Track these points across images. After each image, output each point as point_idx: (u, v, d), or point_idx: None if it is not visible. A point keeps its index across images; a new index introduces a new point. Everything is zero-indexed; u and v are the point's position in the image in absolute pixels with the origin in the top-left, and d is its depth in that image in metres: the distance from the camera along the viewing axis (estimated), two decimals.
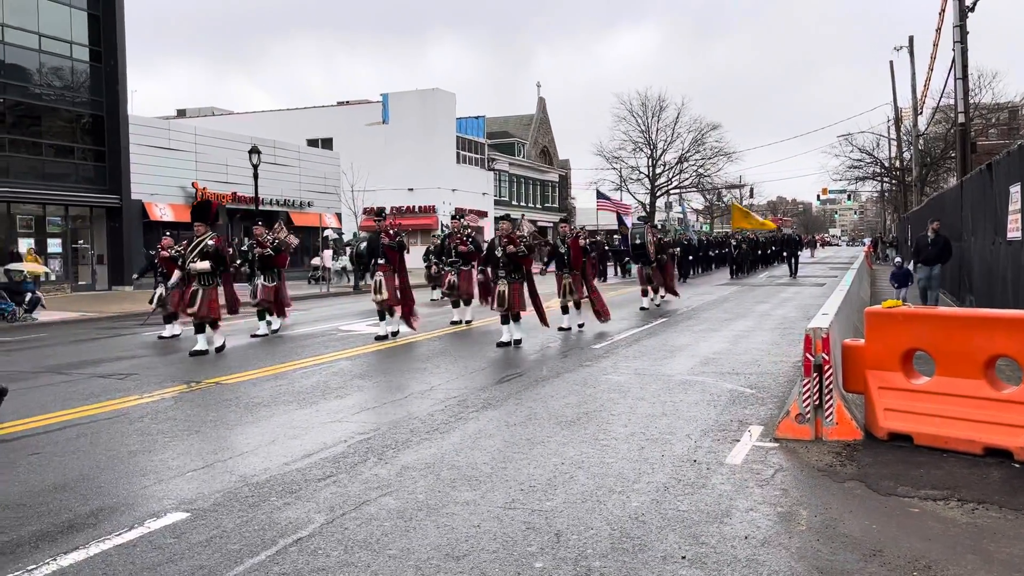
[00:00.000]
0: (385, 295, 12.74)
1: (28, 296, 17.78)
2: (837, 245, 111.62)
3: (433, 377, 9.37)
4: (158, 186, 30.36)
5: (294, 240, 15.50)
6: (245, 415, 7.47)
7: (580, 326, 13.75)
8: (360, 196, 37.79)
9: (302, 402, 8.01)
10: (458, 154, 50.88)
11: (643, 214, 65.31)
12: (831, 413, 6.11)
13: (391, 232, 12.89)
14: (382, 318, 13.00)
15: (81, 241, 28.41)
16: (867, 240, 72.06)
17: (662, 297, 18.84)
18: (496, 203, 54.63)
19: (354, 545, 4.21)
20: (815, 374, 6.12)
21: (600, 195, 39.03)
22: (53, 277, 26.48)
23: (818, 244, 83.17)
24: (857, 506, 4.75)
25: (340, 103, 52.37)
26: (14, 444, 6.44)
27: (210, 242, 11.77)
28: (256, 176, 27.25)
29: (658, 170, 66.26)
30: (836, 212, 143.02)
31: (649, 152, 65.83)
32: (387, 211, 16.36)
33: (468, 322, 15.07)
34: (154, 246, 25.98)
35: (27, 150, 26.40)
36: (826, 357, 6.10)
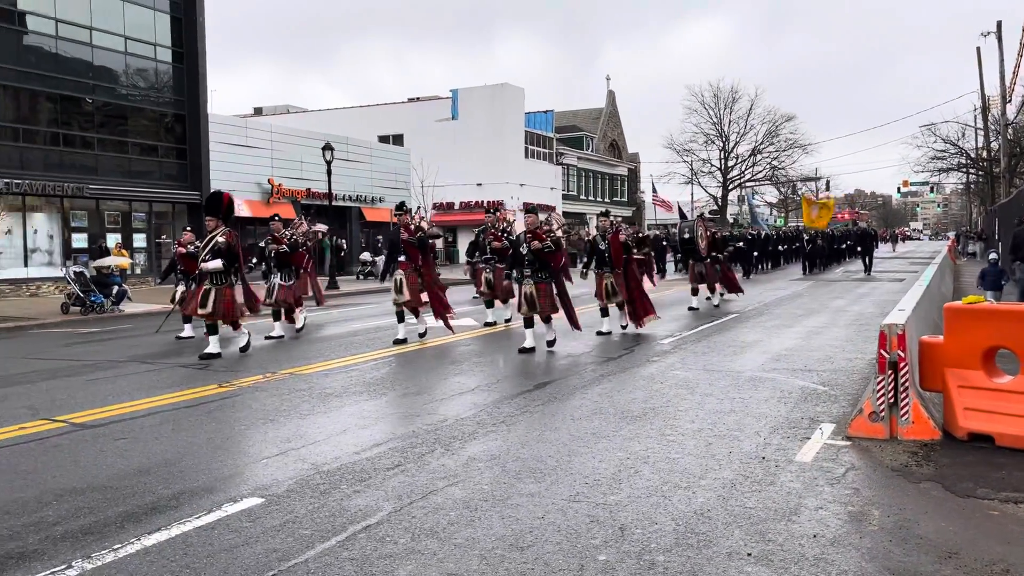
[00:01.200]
0: (406, 296, 11.77)
1: (115, 289, 18.59)
2: (918, 239, 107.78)
3: (497, 371, 9.45)
4: (235, 182, 31.25)
5: (322, 227, 14.87)
6: (318, 405, 7.67)
7: (623, 327, 12.79)
8: (429, 191, 38.33)
9: (372, 393, 8.18)
10: (526, 149, 50.94)
11: (703, 208, 64.29)
12: (907, 412, 5.94)
13: (412, 227, 11.90)
14: (400, 320, 11.97)
15: (164, 236, 29.49)
16: (951, 234, 69.37)
17: (721, 295, 17.48)
18: (564, 197, 54.51)
19: (421, 533, 4.29)
20: (890, 371, 5.96)
21: (654, 189, 38.97)
22: (138, 271, 27.63)
23: (899, 238, 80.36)
24: (933, 507, 4.62)
25: (411, 99, 53.00)
26: (103, 429, 6.76)
27: (220, 239, 10.91)
28: (329, 172, 27.83)
29: (730, 163, 65.10)
30: (918, 205, 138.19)
31: (721, 144, 64.74)
32: (414, 207, 15.09)
33: (507, 321, 14.20)
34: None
35: (114, 149, 27.53)
36: (902, 354, 5.94)
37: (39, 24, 25.06)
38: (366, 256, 32.92)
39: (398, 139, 46.77)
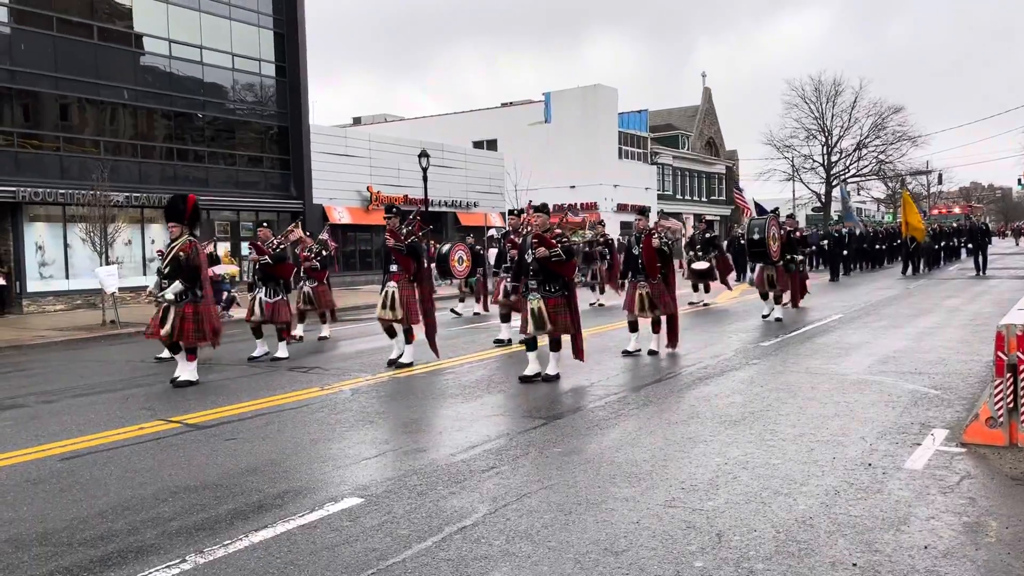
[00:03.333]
0: (397, 312, 10.14)
1: (225, 295, 19.46)
2: None
3: (592, 375, 9.40)
4: (336, 191, 32.26)
5: (325, 235, 13.68)
6: (415, 407, 7.83)
7: (652, 351, 10.68)
8: (523, 195, 38.48)
9: (467, 396, 8.29)
10: (620, 149, 50.55)
11: (811, 204, 62.10)
12: None
13: (402, 232, 10.32)
14: (391, 335, 10.58)
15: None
16: None
17: (785, 306, 15.04)
18: (659, 197, 53.80)
19: (515, 536, 4.32)
20: (1008, 374, 5.63)
21: (738, 188, 37.58)
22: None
23: (1021, 233, 75.65)
24: None
25: (503, 104, 53.40)
26: (214, 430, 7.09)
27: (181, 253, 9.39)
28: (425, 179, 28.37)
29: (833, 158, 62.76)
30: None
31: (823, 139, 62.47)
32: (411, 209, 12.33)
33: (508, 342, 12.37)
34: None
35: (223, 161, 28.86)
36: (1021, 356, 5.60)
37: (154, 45, 26.51)
38: None
39: (492, 144, 47.19)
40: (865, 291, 20.28)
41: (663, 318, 10.77)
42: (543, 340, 9.16)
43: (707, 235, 18.92)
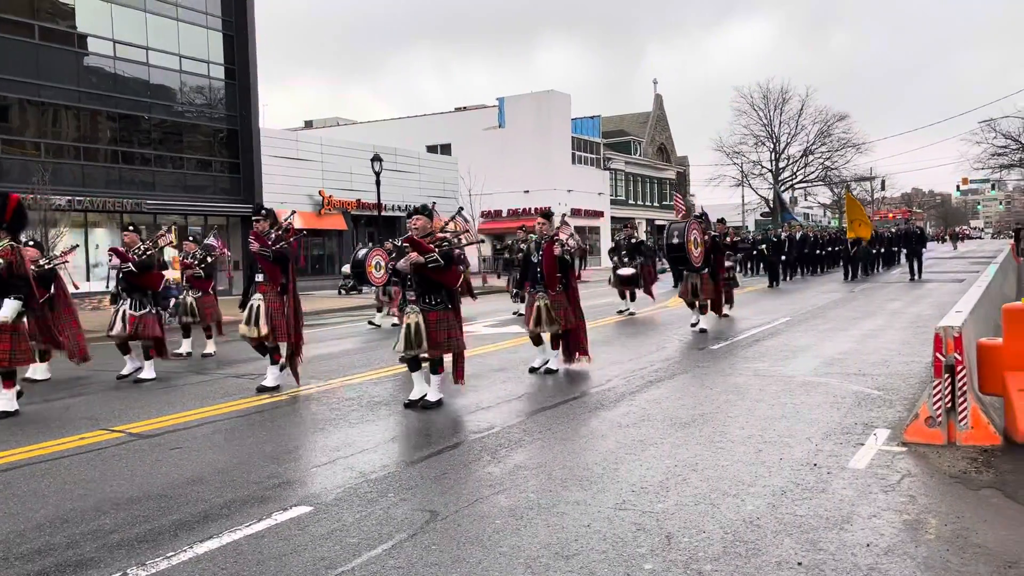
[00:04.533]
0: (262, 329, 8.90)
1: (172, 301, 19.05)
2: (980, 238, 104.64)
3: (543, 379, 9.42)
4: (287, 195, 31.85)
5: (213, 242, 12.32)
6: (367, 413, 7.75)
7: (541, 367, 9.76)
8: (477, 200, 38.49)
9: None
10: (573, 155, 50.91)
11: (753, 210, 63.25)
12: (965, 416, 5.76)
13: (270, 236, 9.12)
14: (263, 353, 9.32)
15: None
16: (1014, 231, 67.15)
17: (725, 316, 14.81)
18: (612, 202, 54.31)
19: (466, 542, 4.30)
20: (947, 375, 5.79)
21: (678, 192, 37.89)
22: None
23: (959, 237, 78.10)
24: (993, 515, 4.47)
25: (457, 109, 53.43)
26: (159, 439, 6.93)
27: (1, 260, 8.08)
28: (378, 183, 28.22)
29: (781, 164, 64.04)
30: (979, 203, 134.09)
31: (772, 146, 63.73)
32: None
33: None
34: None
35: (171, 164, 28.33)
36: (958, 357, 5.76)
37: (98, 45, 25.94)
38: (346, 269, 31.04)
39: (446, 148, 47.14)
40: (808, 296, 20.70)
41: (568, 331, 9.74)
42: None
43: (633, 241, 17.80)
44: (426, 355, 7.85)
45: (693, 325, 13.64)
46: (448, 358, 8.04)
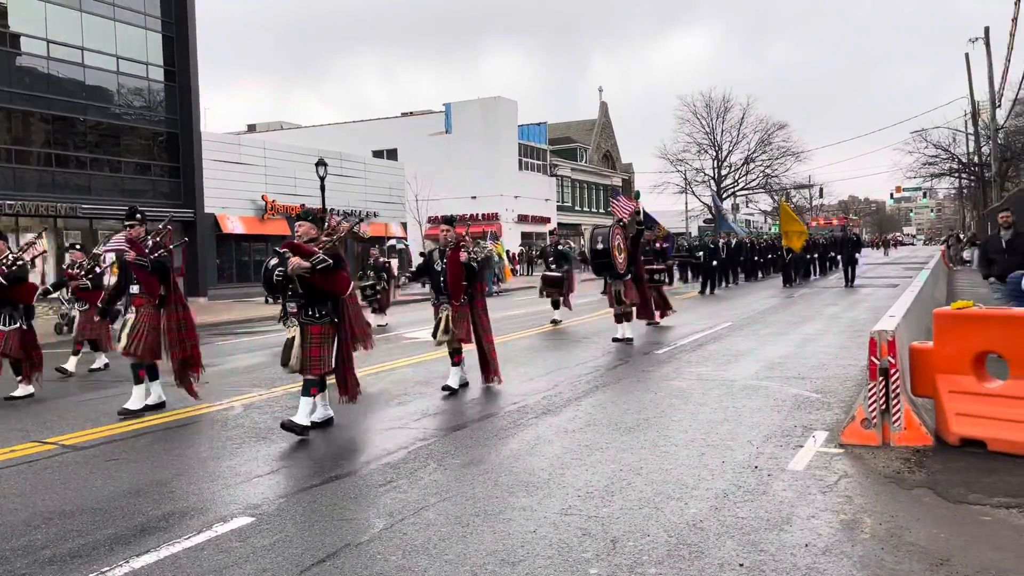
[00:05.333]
0: (129, 343, 8.12)
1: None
2: (912, 244, 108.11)
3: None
4: (230, 199, 31.29)
5: (100, 256, 10.88)
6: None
7: (449, 388, 8.94)
8: (424, 205, 38.38)
9: (366, 409, 8.15)
10: (520, 161, 51.10)
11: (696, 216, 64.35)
12: (899, 418, 5.94)
13: (147, 243, 8.49)
14: (138, 381, 8.32)
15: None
16: (943, 238, 69.57)
17: (655, 324, 14.48)
18: (559, 209, 54.65)
19: (412, 550, 4.27)
20: (881, 378, 5.96)
21: (615, 195, 37.96)
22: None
23: (891, 244, 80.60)
24: (925, 514, 4.61)
25: (404, 114, 53.21)
26: (94, 451, 6.73)
27: None
28: (323, 188, 27.88)
29: (723, 172, 65.30)
30: (911, 211, 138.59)
31: (714, 154, 64.95)
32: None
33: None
34: (225, 257, 26.57)
35: (108, 167, 27.55)
36: (892, 360, 5.94)
37: (31, 45, 25.10)
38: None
39: (392, 154, 46.87)
40: (750, 301, 21.10)
41: (477, 348, 9.21)
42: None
43: (559, 247, 17.26)
44: (303, 371, 7.02)
45: (616, 340, 12.78)
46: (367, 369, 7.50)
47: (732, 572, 3.88)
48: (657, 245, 15.88)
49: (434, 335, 9.03)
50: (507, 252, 35.08)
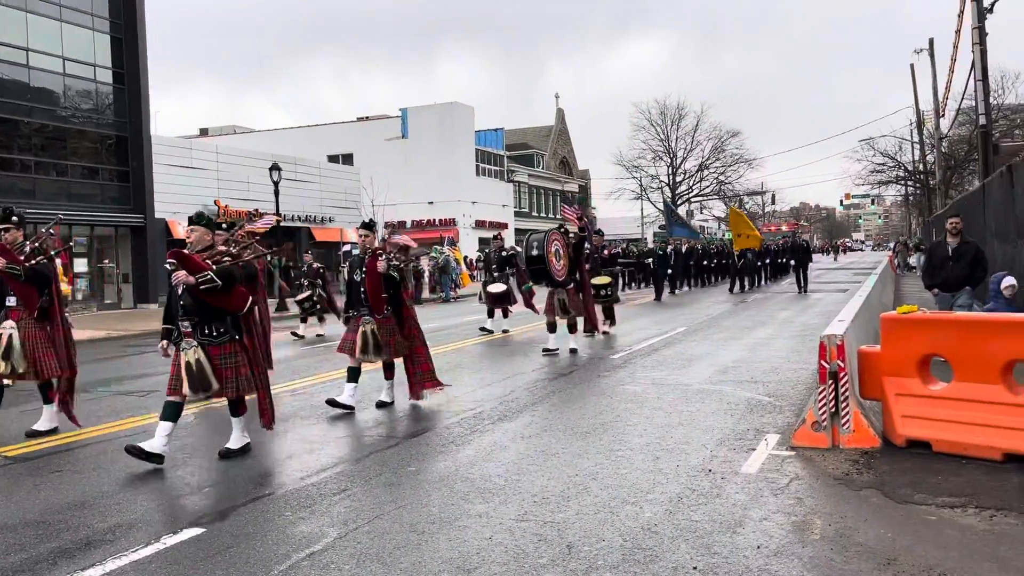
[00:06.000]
0: (19, 364, 7.28)
1: None
2: (861, 250, 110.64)
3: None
4: (181, 204, 30.67)
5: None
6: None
7: (385, 402, 8.48)
8: (381, 210, 38.13)
9: (319, 417, 8.06)
10: (477, 167, 51.10)
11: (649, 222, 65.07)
12: (847, 421, 6.06)
13: (24, 250, 7.42)
14: (47, 401, 7.62)
15: (107, 260, 28.81)
16: (891, 244, 71.38)
17: (592, 334, 13.66)
18: (516, 214, 54.76)
19: (366, 559, 4.23)
20: (830, 381, 6.07)
21: (568, 202, 37.75)
22: (80, 296, 26.91)
23: (841, 249, 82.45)
24: (873, 514, 4.70)
25: (360, 119, 52.87)
26: (38, 462, 6.54)
27: None
28: (277, 193, 27.53)
29: (678, 178, 66.12)
30: (860, 217, 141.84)
31: (669, 160, 65.75)
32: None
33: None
34: None
35: (54, 171, 26.89)
36: (841, 364, 6.06)
37: None
38: None
39: (347, 158, 46.51)
40: (704, 307, 21.37)
41: (402, 361, 8.55)
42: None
43: (503, 253, 16.25)
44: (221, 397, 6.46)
45: (547, 351, 12.13)
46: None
47: (686, 575, 3.91)
48: (605, 253, 15.50)
49: (352, 352, 8.24)
50: (465, 258, 35.02)
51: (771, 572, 3.92)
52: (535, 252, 12.17)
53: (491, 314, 15.75)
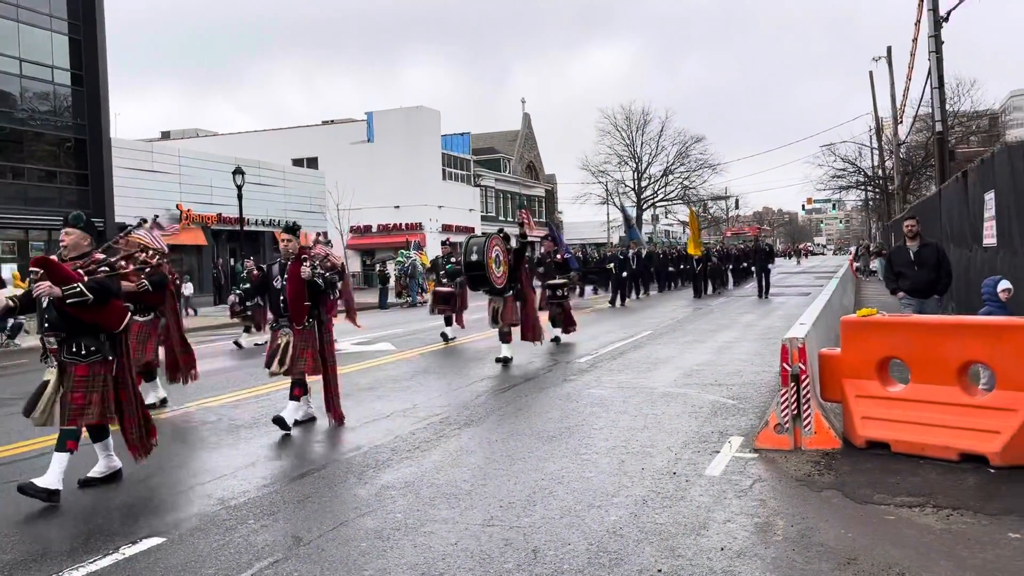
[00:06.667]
0: None
1: (11, 322, 17.67)
2: (822, 254, 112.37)
3: (414, 396, 9.35)
4: (142, 209, 30.10)
5: None
6: (226, 437, 7.43)
7: (277, 421, 7.41)
8: (346, 214, 37.89)
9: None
10: (444, 171, 51.01)
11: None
12: (809, 423, 6.14)
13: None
14: None
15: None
16: (852, 248, 72.60)
17: (535, 342, 12.48)
18: (483, 219, 54.73)
19: (330, 566, 4.19)
20: (792, 384, 6.16)
21: (522, 205, 37.57)
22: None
23: (803, 253, 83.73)
24: (833, 515, 4.77)
25: (325, 122, 52.49)
26: None
27: None
28: (240, 197, 27.23)
29: (644, 183, 66.63)
30: (822, 222, 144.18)
31: (634, 165, 66.23)
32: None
33: (163, 400, 9.20)
34: None
35: (10, 174, 26.31)
36: (803, 367, 6.15)
37: None
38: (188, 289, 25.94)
39: (312, 162, 46.18)
40: (669, 310, 21.54)
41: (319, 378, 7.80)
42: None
43: (452, 259, 15.81)
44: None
45: (498, 360, 11.63)
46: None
47: None
48: (559, 257, 14.81)
49: (268, 364, 7.67)
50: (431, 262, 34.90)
51: (735, 573, 3.96)
52: (474, 258, 11.70)
53: (448, 321, 15.42)
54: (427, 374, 11.08)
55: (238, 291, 13.84)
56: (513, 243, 12.53)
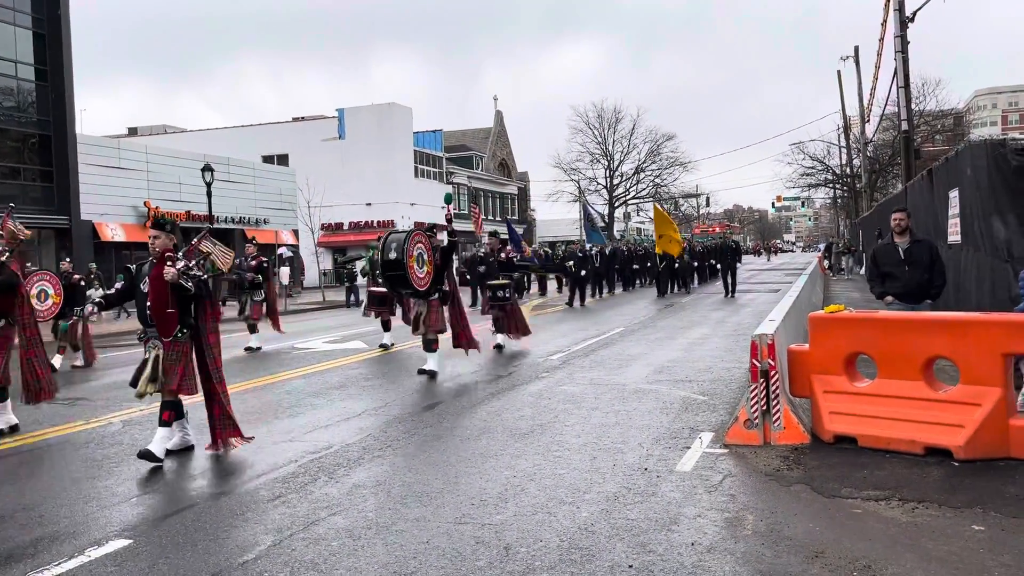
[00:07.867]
0: None
1: None
2: (792, 251, 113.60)
3: (387, 394, 9.32)
4: (109, 206, 29.83)
5: None
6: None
7: (145, 455, 6.27)
8: (317, 212, 37.59)
9: (254, 422, 7.89)
10: (416, 168, 50.84)
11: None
12: (778, 418, 6.20)
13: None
14: None
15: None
16: (821, 246, 73.47)
17: (467, 349, 10.96)
18: (456, 216, 54.62)
19: (300, 567, 4.16)
20: (762, 380, 6.22)
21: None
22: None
23: (772, 250, 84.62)
24: (802, 509, 4.83)
25: (295, 119, 52.05)
26: None
27: None
28: (209, 194, 26.94)
29: (615, 181, 66.89)
30: (791, 219, 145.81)
31: (606, 163, 66.47)
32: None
33: (13, 428, 7.97)
34: (103, 266, 25.12)
35: None
36: (772, 363, 6.21)
37: None
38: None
39: (283, 159, 45.77)
40: (639, 308, 21.65)
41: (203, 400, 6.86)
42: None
43: (392, 258, 13.38)
44: None
45: (421, 371, 10.43)
46: None
47: (622, 573, 3.95)
48: (503, 256, 13.67)
49: (133, 383, 6.65)
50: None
51: (705, 568, 3.99)
52: (392, 256, 10.13)
53: (385, 327, 13.93)
54: (399, 372, 11.03)
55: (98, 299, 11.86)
56: (444, 239, 11.07)
